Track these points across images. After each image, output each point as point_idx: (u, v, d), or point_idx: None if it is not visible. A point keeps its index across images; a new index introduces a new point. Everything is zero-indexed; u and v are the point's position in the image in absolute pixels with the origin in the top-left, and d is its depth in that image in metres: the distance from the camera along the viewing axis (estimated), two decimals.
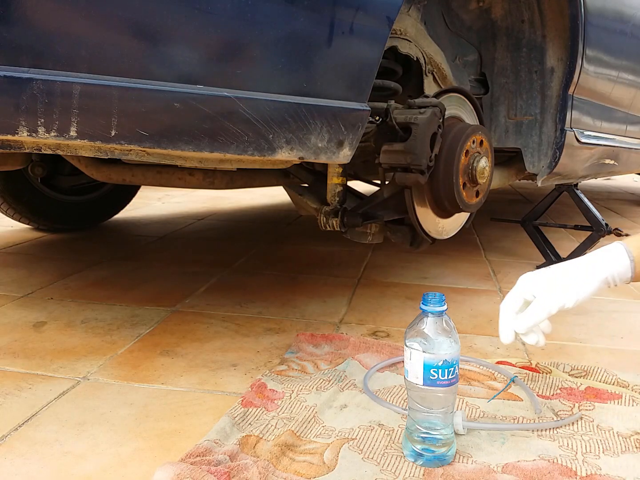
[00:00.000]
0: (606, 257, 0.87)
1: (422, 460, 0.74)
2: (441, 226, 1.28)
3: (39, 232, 2.18)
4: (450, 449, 0.75)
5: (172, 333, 1.20)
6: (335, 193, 1.22)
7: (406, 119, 1.11)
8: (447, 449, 0.75)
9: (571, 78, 1.50)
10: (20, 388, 0.94)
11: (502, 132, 1.61)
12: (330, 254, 2.00)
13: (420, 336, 0.75)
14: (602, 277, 0.85)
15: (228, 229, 2.44)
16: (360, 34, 0.91)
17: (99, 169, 1.60)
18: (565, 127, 1.54)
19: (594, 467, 0.75)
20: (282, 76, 0.84)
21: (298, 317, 1.32)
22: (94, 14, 0.71)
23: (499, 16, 1.53)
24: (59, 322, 1.25)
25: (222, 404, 0.91)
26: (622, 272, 0.86)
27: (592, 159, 1.81)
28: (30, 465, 0.73)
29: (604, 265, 0.86)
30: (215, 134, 0.79)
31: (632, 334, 1.30)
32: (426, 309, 0.75)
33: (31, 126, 0.69)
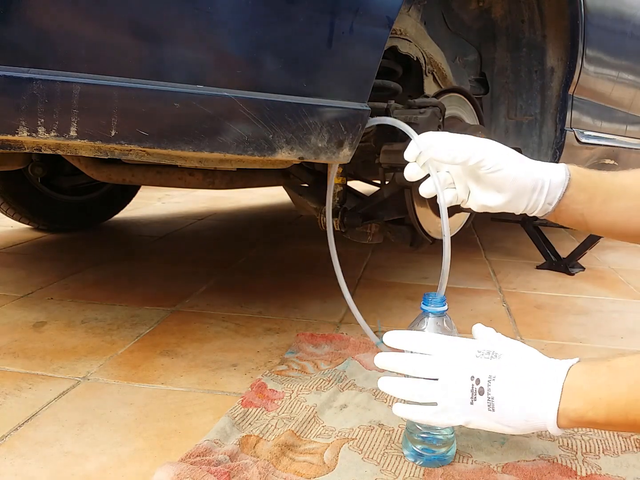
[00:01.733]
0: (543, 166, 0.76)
1: (422, 460, 0.74)
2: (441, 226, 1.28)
3: (39, 232, 2.18)
4: (450, 449, 0.75)
5: (172, 333, 1.20)
6: (335, 193, 1.22)
7: (406, 119, 1.11)
8: (447, 449, 0.75)
9: (571, 78, 1.50)
10: (20, 388, 0.94)
11: (502, 132, 1.61)
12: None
13: None
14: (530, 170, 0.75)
15: (228, 229, 2.44)
16: (360, 34, 0.91)
17: (99, 169, 1.59)
18: (565, 127, 1.54)
19: (594, 467, 0.75)
20: (282, 76, 0.84)
21: (298, 317, 1.32)
22: (94, 14, 0.71)
23: (499, 16, 1.53)
24: (59, 322, 1.25)
25: (222, 404, 0.91)
26: (555, 179, 0.75)
27: (592, 159, 1.81)
28: (30, 465, 0.73)
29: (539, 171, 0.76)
30: (215, 134, 0.79)
31: (632, 334, 1.30)
32: (427, 309, 0.75)
33: (31, 126, 0.69)
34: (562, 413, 0.61)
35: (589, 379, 0.61)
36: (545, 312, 1.43)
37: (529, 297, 1.56)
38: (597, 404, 0.60)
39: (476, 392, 0.64)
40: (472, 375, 0.64)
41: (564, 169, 0.76)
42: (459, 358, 0.66)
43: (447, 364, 0.66)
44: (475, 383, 0.64)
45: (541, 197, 0.75)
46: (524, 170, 0.75)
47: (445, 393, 0.65)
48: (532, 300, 1.53)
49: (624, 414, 0.59)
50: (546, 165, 0.76)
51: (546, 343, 1.22)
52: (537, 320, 1.37)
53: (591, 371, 0.62)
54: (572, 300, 1.55)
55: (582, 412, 0.61)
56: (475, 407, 0.64)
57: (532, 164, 0.76)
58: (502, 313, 1.41)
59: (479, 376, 0.64)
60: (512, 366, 0.64)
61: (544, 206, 0.76)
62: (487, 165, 0.73)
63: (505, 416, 0.64)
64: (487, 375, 0.64)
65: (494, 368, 0.64)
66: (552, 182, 0.75)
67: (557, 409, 0.61)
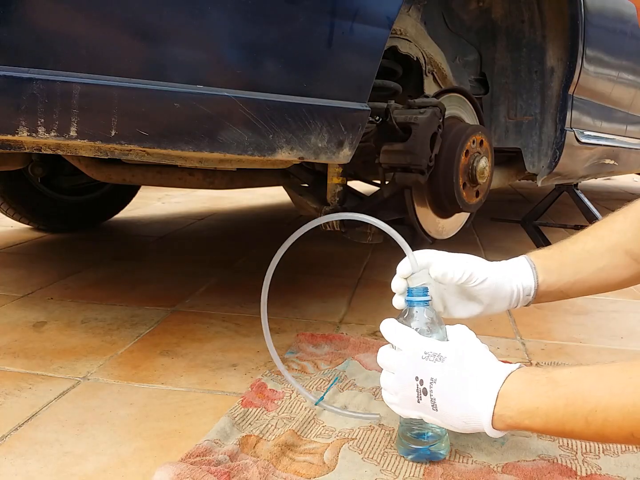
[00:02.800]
0: (505, 265, 0.83)
1: (414, 455, 0.75)
2: (441, 226, 1.28)
3: (39, 232, 2.18)
4: (443, 444, 0.75)
5: (172, 333, 1.20)
6: (335, 193, 1.22)
7: (406, 119, 1.11)
8: (439, 444, 0.75)
9: (571, 78, 1.50)
10: (20, 388, 0.94)
11: (502, 132, 1.61)
12: (330, 254, 2.00)
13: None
14: (501, 277, 0.81)
15: (228, 229, 2.45)
16: (360, 34, 0.91)
17: (99, 169, 1.60)
18: (565, 127, 1.54)
19: (594, 467, 0.75)
20: (281, 76, 0.84)
21: (298, 317, 1.32)
22: (94, 14, 0.71)
23: (499, 16, 1.53)
24: (59, 322, 1.25)
25: (222, 404, 0.91)
26: (525, 280, 0.82)
27: (592, 159, 1.81)
28: (30, 465, 0.73)
29: (504, 269, 0.82)
30: (215, 134, 0.79)
31: (632, 334, 1.30)
32: (409, 299, 0.77)
33: (31, 126, 0.69)
34: (498, 418, 0.64)
35: (527, 388, 0.64)
36: (545, 312, 1.43)
37: None
38: (534, 413, 0.63)
39: (421, 392, 0.68)
40: (416, 375, 0.68)
41: (529, 268, 0.82)
42: (407, 358, 0.70)
43: (399, 361, 0.71)
44: (419, 384, 0.68)
45: (520, 298, 0.82)
46: (502, 276, 0.81)
47: (399, 389, 0.70)
48: None
49: (561, 425, 0.62)
50: (512, 268, 0.82)
51: (546, 343, 1.22)
52: (536, 320, 1.37)
53: (530, 380, 0.65)
54: (571, 300, 1.54)
55: (518, 419, 0.64)
56: (422, 405, 0.69)
57: (504, 269, 0.82)
58: (502, 313, 1.41)
59: (422, 377, 0.68)
60: (453, 370, 0.67)
61: (523, 301, 0.83)
62: (476, 279, 0.79)
63: (446, 417, 0.68)
64: (430, 377, 0.68)
65: (436, 371, 0.68)
66: (523, 285, 0.81)
67: (492, 414, 0.64)
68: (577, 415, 0.60)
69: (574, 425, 0.60)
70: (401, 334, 0.72)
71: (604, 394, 0.59)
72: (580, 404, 0.60)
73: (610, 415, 0.58)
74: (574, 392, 0.61)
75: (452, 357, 0.68)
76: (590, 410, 0.59)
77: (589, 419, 0.59)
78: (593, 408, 0.59)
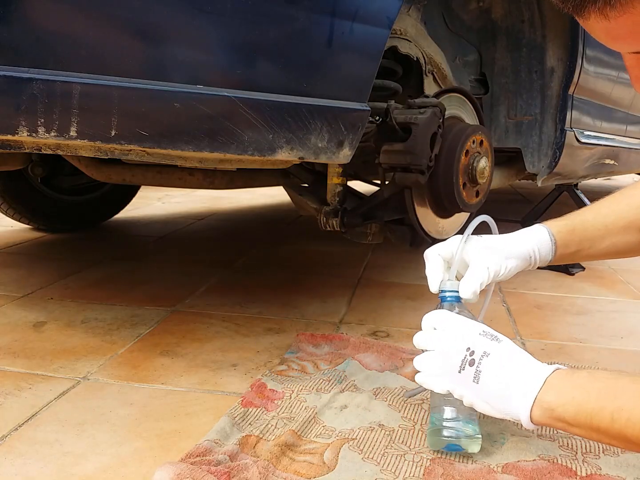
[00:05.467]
0: (531, 238, 0.87)
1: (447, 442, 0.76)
2: (441, 226, 1.28)
3: (39, 232, 2.18)
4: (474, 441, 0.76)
5: (172, 333, 1.20)
6: (335, 193, 1.22)
7: (406, 119, 1.11)
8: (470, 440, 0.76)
9: (571, 78, 1.50)
10: (20, 388, 0.94)
11: (502, 132, 1.61)
12: (330, 254, 2.00)
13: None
14: (527, 256, 0.86)
15: (228, 229, 2.45)
16: (360, 34, 0.91)
17: (99, 169, 1.59)
18: (565, 127, 1.54)
19: (594, 467, 0.75)
20: (281, 76, 0.84)
21: (298, 317, 1.32)
22: (94, 14, 0.71)
23: (499, 16, 1.52)
24: (59, 322, 1.25)
25: (222, 404, 0.91)
26: (543, 254, 0.87)
27: (592, 159, 1.81)
28: (30, 465, 0.73)
29: (530, 245, 0.86)
30: (215, 134, 0.79)
31: (632, 334, 1.30)
32: (441, 295, 0.81)
33: (31, 126, 0.69)
34: (536, 403, 0.66)
35: (568, 379, 0.67)
36: (545, 312, 1.43)
37: (529, 297, 1.56)
38: (568, 402, 0.65)
39: (467, 362, 0.70)
40: (468, 346, 0.71)
41: (550, 245, 0.87)
42: (463, 331, 0.73)
43: (450, 335, 0.73)
44: (469, 354, 0.70)
45: (536, 265, 0.88)
46: (525, 258, 0.86)
47: (442, 359, 0.73)
48: (531, 300, 1.53)
49: (589, 418, 0.63)
50: (536, 245, 0.87)
51: (546, 343, 1.22)
52: (537, 320, 1.37)
53: (572, 373, 0.68)
54: (571, 300, 1.55)
55: (553, 405, 0.65)
56: (461, 376, 0.70)
57: (527, 246, 0.86)
58: (502, 313, 1.41)
59: (475, 349, 0.71)
60: (508, 351, 0.70)
61: (542, 264, 0.89)
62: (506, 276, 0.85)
63: (486, 391, 0.69)
64: (483, 350, 0.70)
65: (492, 347, 0.70)
66: (542, 255, 0.87)
67: (535, 398, 0.66)
68: (605, 410, 0.62)
69: (601, 420, 0.62)
70: (452, 315, 0.76)
71: (633, 395, 0.61)
72: (611, 400, 0.62)
73: (633, 415, 0.60)
74: (607, 388, 0.64)
75: (508, 343, 0.72)
76: (617, 407, 0.61)
77: (615, 416, 0.61)
78: (620, 406, 0.61)
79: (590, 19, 0.57)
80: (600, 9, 0.55)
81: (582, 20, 0.58)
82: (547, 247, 0.87)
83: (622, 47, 0.61)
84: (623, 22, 0.55)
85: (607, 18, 0.55)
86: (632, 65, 0.63)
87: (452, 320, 0.75)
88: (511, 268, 0.84)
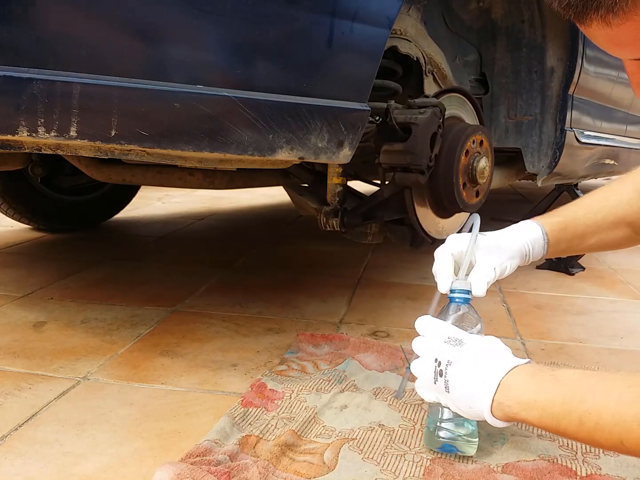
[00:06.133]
0: (525, 234, 0.88)
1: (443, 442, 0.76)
2: (441, 226, 1.28)
3: (39, 232, 2.18)
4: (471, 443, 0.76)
5: (172, 333, 1.20)
6: (335, 193, 1.22)
7: (406, 119, 1.11)
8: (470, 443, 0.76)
9: (571, 78, 1.50)
10: (20, 388, 0.94)
11: (502, 132, 1.61)
12: (330, 254, 2.00)
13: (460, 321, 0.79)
14: (523, 254, 0.87)
15: (228, 229, 2.45)
16: (360, 34, 0.91)
17: (99, 169, 1.59)
18: (565, 127, 1.54)
19: (594, 467, 0.75)
20: (281, 76, 0.84)
21: (298, 317, 1.32)
22: (94, 14, 0.71)
23: (499, 16, 1.52)
24: (59, 322, 1.25)
25: (222, 404, 0.91)
26: (536, 252, 0.88)
27: (592, 159, 1.81)
28: (30, 465, 0.73)
29: (524, 241, 0.88)
30: (215, 134, 0.79)
31: (632, 334, 1.30)
32: (450, 295, 0.82)
33: (31, 126, 0.69)
34: (497, 406, 0.67)
35: (529, 381, 0.66)
36: (545, 312, 1.43)
37: (529, 297, 1.56)
38: (531, 406, 0.64)
39: (437, 373, 0.72)
40: (435, 357, 0.73)
41: (543, 243, 0.88)
42: (430, 341, 0.74)
43: (423, 345, 0.75)
44: (437, 365, 0.72)
45: (529, 261, 0.90)
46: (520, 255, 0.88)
47: (420, 371, 0.74)
48: (532, 300, 1.53)
49: (556, 421, 0.63)
50: (529, 243, 0.88)
51: (546, 343, 1.22)
52: (537, 320, 1.37)
53: (534, 374, 0.67)
54: (571, 300, 1.55)
55: (516, 409, 0.66)
56: (437, 386, 0.72)
57: (521, 244, 0.88)
58: (502, 313, 1.41)
59: (441, 359, 0.72)
60: (468, 355, 0.71)
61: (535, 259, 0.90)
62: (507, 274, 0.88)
63: (455, 399, 0.71)
64: (447, 359, 0.71)
65: (453, 353, 0.71)
66: (533, 257, 0.89)
67: (491, 401, 0.67)
68: (572, 414, 0.61)
69: (568, 423, 0.61)
70: (429, 322, 0.77)
71: (601, 397, 0.60)
72: (577, 404, 0.61)
73: (602, 419, 0.59)
74: (572, 391, 0.62)
75: (471, 344, 0.72)
76: (584, 411, 0.60)
77: (583, 420, 0.60)
78: (588, 409, 0.60)
79: (592, 26, 0.57)
80: (603, 17, 0.55)
81: (584, 27, 0.58)
82: (540, 245, 0.88)
83: (623, 53, 0.61)
84: (625, 29, 0.55)
85: (609, 25, 0.55)
86: (633, 72, 0.63)
87: (426, 328, 0.76)
88: (513, 266, 0.86)
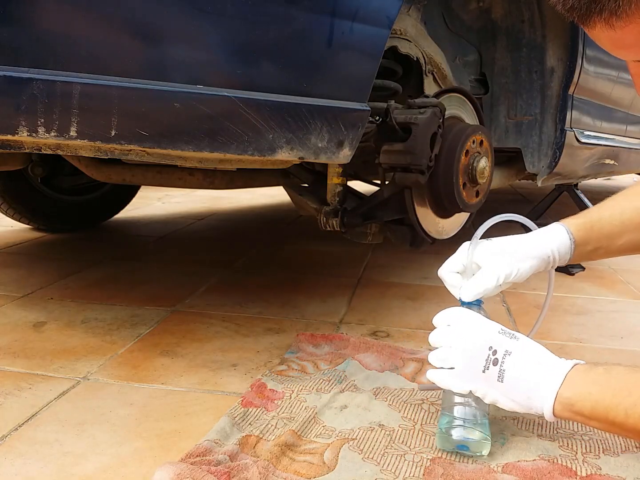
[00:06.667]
0: (549, 237, 0.88)
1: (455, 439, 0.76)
2: (441, 226, 1.28)
3: (39, 232, 2.18)
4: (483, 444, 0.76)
5: (172, 333, 1.20)
6: (335, 193, 1.22)
7: (406, 119, 1.11)
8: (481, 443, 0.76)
9: (571, 78, 1.50)
10: (20, 388, 0.94)
11: (502, 132, 1.61)
12: (330, 254, 2.00)
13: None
14: (544, 256, 0.86)
15: (228, 229, 2.45)
16: (360, 34, 0.91)
17: (99, 169, 1.59)
18: (565, 127, 1.54)
19: (594, 467, 0.75)
20: (281, 76, 0.84)
21: (298, 317, 1.32)
22: (94, 14, 0.71)
23: (499, 16, 1.53)
24: (59, 322, 1.25)
25: (222, 404, 0.91)
26: (562, 253, 0.87)
27: (592, 159, 1.81)
28: (30, 465, 0.73)
29: (547, 244, 0.87)
30: (215, 134, 0.79)
31: (632, 334, 1.30)
32: (462, 300, 0.82)
33: (31, 126, 0.69)
34: (557, 398, 0.69)
35: (585, 375, 0.70)
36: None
37: (529, 297, 1.56)
38: (585, 397, 0.68)
39: (490, 361, 0.72)
40: (490, 345, 0.73)
41: (569, 247, 0.87)
42: (482, 330, 0.74)
43: (470, 333, 0.74)
44: (492, 353, 0.72)
45: (555, 264, 0.89)
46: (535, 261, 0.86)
47: (463, 358, 0.73)
48: (531, 300, 1.53)
49: (605, 413, 0.67)
50: (555, 248, 0.87)
51: (546, 343, 1.21)
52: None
53: (590, 369, 0.71)
54: (571, 300, 1.55)
55: (572, 400, 0.69)
56: (486, 375, 0.72)
57: (540, 247, 0.87)
58: (502, 313, 1.41)
59: (497, 348, 0.72)
60: (528, 348, 0.73)
61: (561, 263, 0.89)
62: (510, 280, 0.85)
63: (511, 389, 0.72)
64: (505, 349, 0.72)
65: (512, 345, 0.73)
66: (560, 254, 0.87)
67: (556, 393, 0.69)
68: (620, 406, 0.65)
69: (616, 415, 0.65)
70: (468, 312, 0.77)
71: None
72: (625, 396, 0.65)
73: None
74: (622, 384, 0.66)
75: (525, 340, 0.74)
76: (631, 404, 0.64)
77: (629, 412, 0.64)
78: (634, 402, 0.63)
79: (595, 28, 0.58)
80: (606, 19, 0.55)
81: (588, 29, 0.59)
82: (566, 246, 0.87)
83: (627, 55, 0.61)
84: (629, 31, 0.56)
85: (612, 28, 0.56)
86: (637, 73, 0.63)
87: (469, 318, 0.76)
88: (524, 270, 0.84)
